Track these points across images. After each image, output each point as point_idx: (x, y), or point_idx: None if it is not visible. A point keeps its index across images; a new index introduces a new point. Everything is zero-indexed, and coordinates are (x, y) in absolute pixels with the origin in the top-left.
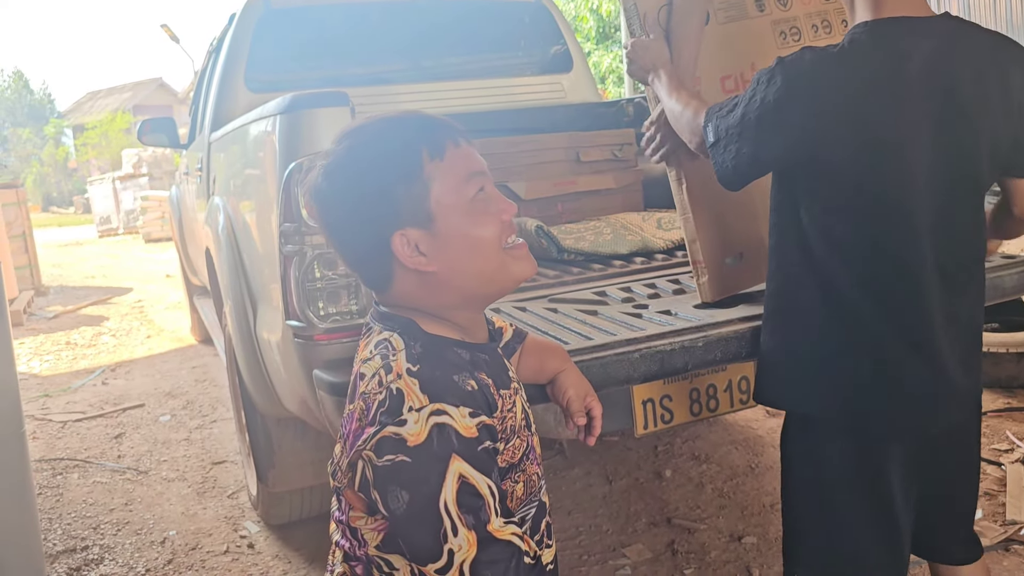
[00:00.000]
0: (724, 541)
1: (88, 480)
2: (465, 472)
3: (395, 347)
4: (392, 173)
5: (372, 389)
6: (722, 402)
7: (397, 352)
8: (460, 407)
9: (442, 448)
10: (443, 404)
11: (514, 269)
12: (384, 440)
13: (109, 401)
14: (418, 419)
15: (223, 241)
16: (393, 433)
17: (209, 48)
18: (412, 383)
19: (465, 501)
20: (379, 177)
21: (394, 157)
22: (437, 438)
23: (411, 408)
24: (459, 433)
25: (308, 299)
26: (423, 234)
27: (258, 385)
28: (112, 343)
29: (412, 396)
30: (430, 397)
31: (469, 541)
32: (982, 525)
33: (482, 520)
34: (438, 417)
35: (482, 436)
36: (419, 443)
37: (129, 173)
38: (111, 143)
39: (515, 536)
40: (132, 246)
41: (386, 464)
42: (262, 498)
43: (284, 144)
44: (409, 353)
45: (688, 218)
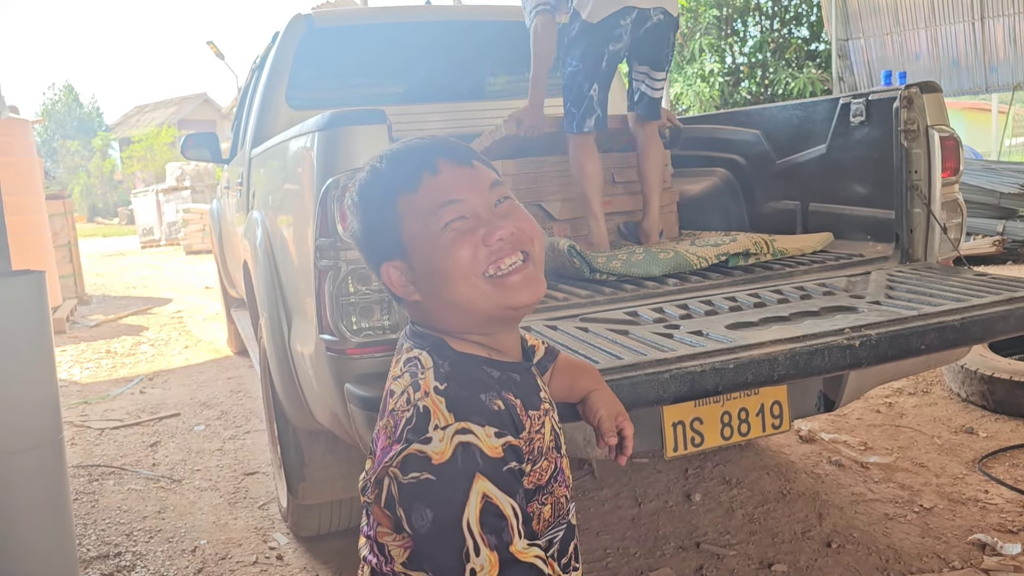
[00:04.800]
0: (753, 568)
1: (123, 487)
2: (489, 492)
3: (424, 365)
4: (373, 210)
5: (400, 407)
6: (754, 426)
7: (425, 370)
8: (486, 427)
9: (466, 467)
10: (468, 423)
11: (505, 297)
12: (410, 457)
13: (146, 410)
14: (443, 437)
15: (260, 255)
16: (418, 451)
17: (252, 65)
18: (439, 401)
19: (488, 521)
20: (368, 212)
21: (376, 193)
22: (462, 457)
23: (436, 426)
24: (484, 452)
25: (341, 313)
26: (404, 265)
27: (291, 397)
28: (151, 352)
29: (438, 414)
30: (456, 416)
31: (491, 562)
32: (1021, 560)
33: (504, 541)
34: (463, 436)
35: (507, 457)
36: (443, 461)
37: (172, 186)
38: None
39: (538, 559)
40: (173, 257)
41: (411, 481)
42: (292, 510)
43: (322, 161)
44: (437, 371)
45: None
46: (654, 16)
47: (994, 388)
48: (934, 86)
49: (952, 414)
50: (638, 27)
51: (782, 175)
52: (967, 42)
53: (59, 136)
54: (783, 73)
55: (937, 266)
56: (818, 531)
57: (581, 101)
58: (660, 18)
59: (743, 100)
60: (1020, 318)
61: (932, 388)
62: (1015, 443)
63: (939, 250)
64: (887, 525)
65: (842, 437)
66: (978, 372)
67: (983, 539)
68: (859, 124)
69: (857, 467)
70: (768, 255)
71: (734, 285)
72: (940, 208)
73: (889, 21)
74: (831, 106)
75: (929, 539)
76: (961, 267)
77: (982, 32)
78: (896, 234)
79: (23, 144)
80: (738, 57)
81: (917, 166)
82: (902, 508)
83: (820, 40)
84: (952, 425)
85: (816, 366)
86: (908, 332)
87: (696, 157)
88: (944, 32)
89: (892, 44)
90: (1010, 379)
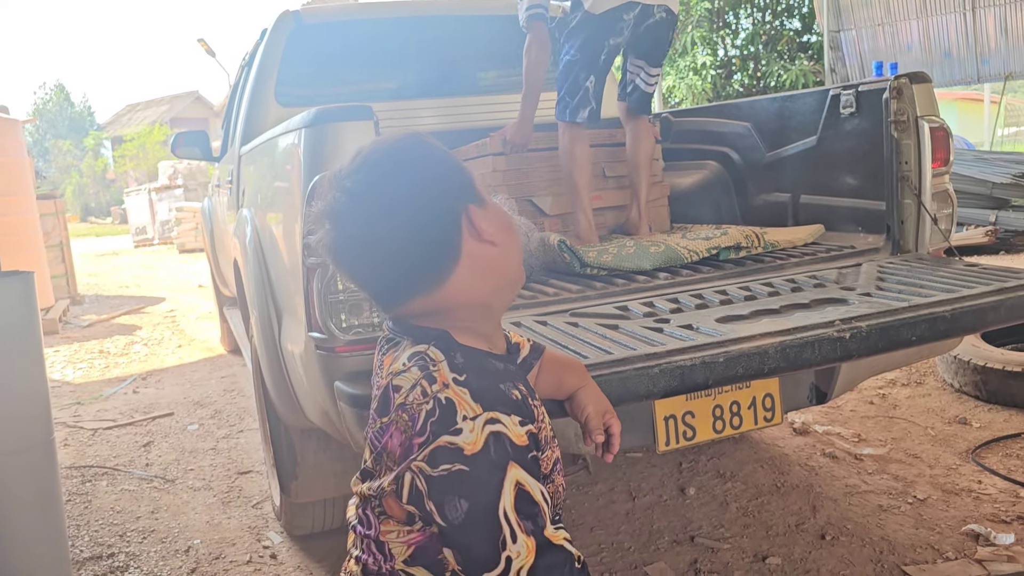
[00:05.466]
0: (748, 561)
1: (116, 488)
2: (522, 479)
3: (434, 359)
4: (446, 155)
5: (415, 400)
6: (746, 419)
7: (438, 363)
8: (511, 415)
9: (499, 456)
10: (496, 413)
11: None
12: (439, 450)
13: (139, 409)
14: (473, 428)
15: (250, 253)
16: (448, 443)
17: (242, 63)
18: (462, 392)
19: (523, 508)
20: (439, 157)
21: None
22: (494, 446)
23: (465, 417)
24: (512, 441)
25: (330, 311)
26: (481, 209)
27: (282, 396)
28: (144, 352)
29: (464, 405)
30: (483, 406)
31: (528, 547)
32: (1014, 550)
33: (539, 526)
34: (493, 426)
35: (531, 444)
36: (476, 452)
37: (165, 185)
38: (148, 155)
39: (567, 541)
40: (166, 256)
41: (442, 474)
42: (285, 509)
43: (309, 157)
44: (452, 363)
45: None
46: (657, 13)
47: (987, 378)
48: (924, 76)
49: (945, 405)
50: (640, 23)
51: (773, 167)
52: (959, 33)
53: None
54: (775, 65)
55: (928, 257)
56: (812, 523)
57: (576, 91)
58: (662, 16)
59: (735, 93)
60: (1011, 308)
61: (925, 379)
62: (1008, 433)
63: (930, 241)
64: (881, 517)
65: (836, 429)
66: (971, 362)
67: (977, 529)
68: (849, 115)
69: (851, 459)
70: (759, 248)
71: (725, 278)
72: (930, 199)
73: (881, 12)
74: (821, 98)
75: (923, 530)
76: (952, 258)
77: (973, 23)
78: (887, 225)
79: (13, 144)
80: (730, 50)
81: (907, 157)
82: (896, 499)
83: (812, 32)
84: (946, 416)
85: (806, 359)
86: (898, 323)
87: (687, 150)
88: (936, 23)
89: (884, 35)
90: (1003, 369)
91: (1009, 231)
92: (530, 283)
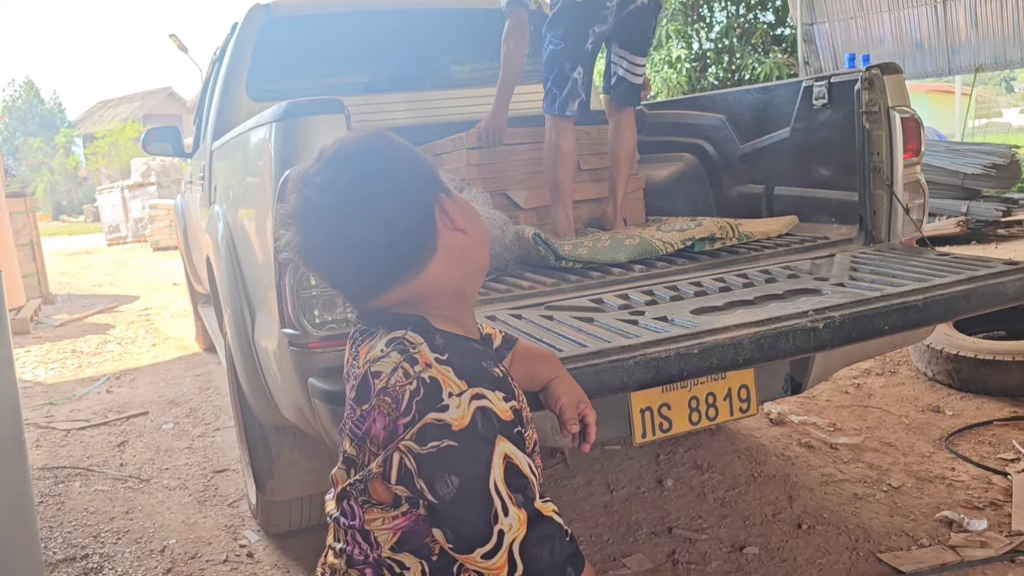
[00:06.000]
0: (726, 551)
1: (90, 488)
2: (510, 452)
3: (413, 342)
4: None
5: (397, 382)
6: (721, 410)
7: (418, 345)
8: (496, 391)
9: (487, 430)
10: (481, 388)
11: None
12: (427, 427)
13: (113, 409)
14: (460, 404)
15: (222, 249)
16: (436, 420)
17: (213, 57)
18: (446, 371)
19: (513, 480)
20: (406, 152)
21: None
22: (481, 420)
23: (451, 394)
24: (499, 416)
25: (303, 307)
26: (449, 199)
27: (256, 393)
28: (118, 351)
29: (449, 382)
30: (468, 382)
31: (520, 519)
32: (987, 536)
33: (529, 498)
34: (479, 401)
35: (515, 420)
36: (464, 427)
37: (138, 182)
38: (121, 152)
39: (555, 513)
40: (140, 254)
41: (431, 451)
42: (261, 507)
43: (280, 151)
44: (432, 344)
45: None
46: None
47: (959, 367)
48: (895, 67)
49: (919, 393)
50: (622, 9)
51: (747, 159)
52: (930, 25)
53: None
54: (750, 58)
55: (900, 247)
56: (789, 513)
57: (563, 82)
58: (644, 1)
59: (710, 86)
60: (981, 297)
61: (899, 368)
62: (980, 420)
63: (902, 231)
64: (856, 505)
65: (811, 419)
66: (944, 351)
67: (950, 516)
68: (822, 107)
69: (826, 448)
70: (734, 239)
71: (700, 270)
72: (902, 189)
73: (853, 5)
74: (794, 89)
75: (898, 517)
76: (924, 247)
77: (944, 15)
78: (860, 216)
79: None
80: (705, 43)
81: (879, 148)
82: (871, 488)
83: (785, 25)
84: (919, 404)
85: (781, 349)
86: (871, 313)
87: (661, 143)
88: (907, 15)
89: (856, 28)
90: (975, 357)
91: (980, 221)
92: (505, 276)
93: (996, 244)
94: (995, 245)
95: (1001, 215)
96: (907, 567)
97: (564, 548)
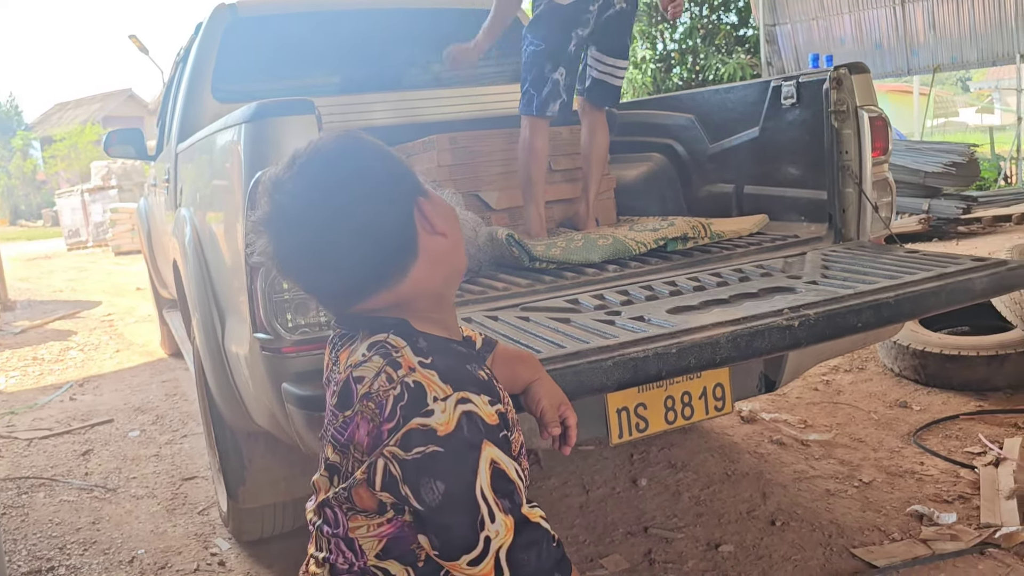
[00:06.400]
0: (701, 550)
1: (55, 499)
2: (496, 457)
3: (395, 345)
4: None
5: (381, 387)
6: (697, 410)
7: (400, 349)
8: (481, 395)
9: (472, 435)
10: (467, 392)
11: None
12: (412, 433)
13: (77, 417)
14: (445, 408)
15: (190, 253)
16: (420, 425)
17: (176, 58)
18: (430, 375)
19: (499, 486)
20: (381, 155)
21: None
22: (467, 425)
23: (436, 398)
24: (484, 420)
25: (275, 311)
26: (428, 202)
27: (227, 399)
28: (80, 358)
29: (433, 387)
30: (453, 386)
31: (507, 526)
32: (956, 529)
33: (516, 503)
34: (464, 405)
35: (501, 423)
36: (449, 432)
37: (98, 185)
38: (80, 155)
39: (542, 519)
40: (101, 259)
41: (416, 457)
42: (233, 515)
43: (249, 153)
44: (415, 348)
45: None
46: (618, 3)
47: (926, 362)
48: (862, 67)
49: (887, 389)
50: (602, 13)
51: (717, 159)
52: (889, 26)
53: None
54: (713, 59)
55: (870, 245)
56: (763, 510)
57: (542, 83)
58: (623, 6)
59: (675, 86)
60: (951, 294)
61: (867, 364)
62: (947, 415)
63: (871, 229)
64: (829, 501)
65: (782, 416)
66: (910, 347)
67: (920, 510)
68: (790, 106)
69: (798, 445)
70: (706, 239)
71: (673, 269)
72: (871, 187)
73: (815, 6)
74: (763, 89)
75: (870, 512)
76: (893, 245)
77: (903, 16)
78: (829, 214)
79: None
80: (669, 44)
81: (848, 146)
82: (843, 483)
83: (748, 26)
84: (887, 400)
85: (757, 347)
86: (844, 310)
87: (631, 143)
88: (867, 17)
89: (818, 28)
90: (940, 353)
91: (941, 219)
92: (479, 278)
93: (957, 241)
94: (956, 242)
95: (961, 212)
96: (880, 561)
97: (551, 553)
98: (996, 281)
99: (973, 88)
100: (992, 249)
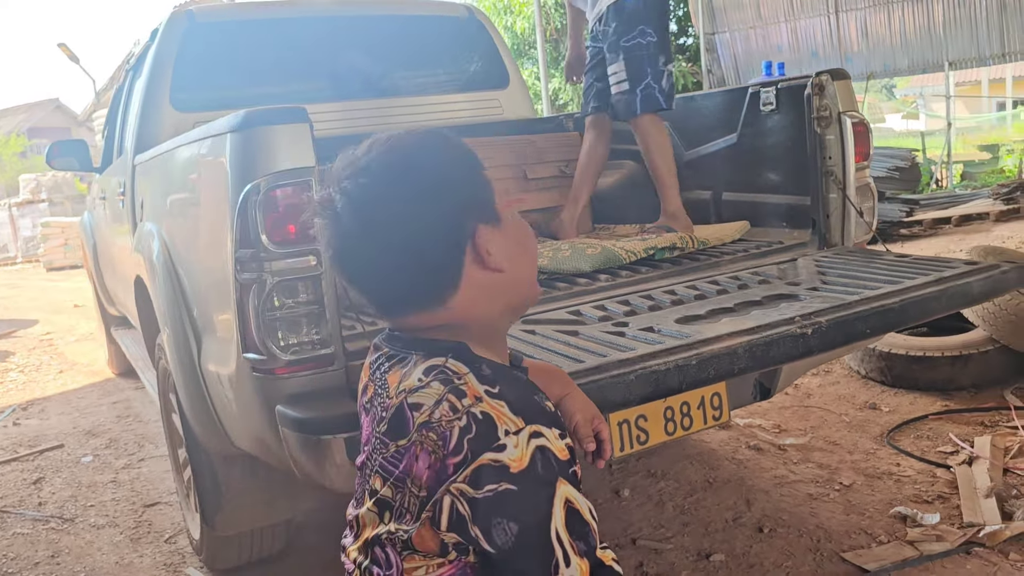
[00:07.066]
0: (692, 560)
1: (7, 532)
2: (571, 496)
3: (457, 371)
4: (464, 164)
5: (444, 416)
6: (696, 420)
7: (463, 375)
8: (552, 428)
9: (547, 472)
10: (539, 426)
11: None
12: (483, 469)
13: (23, 443)
14: (518, 443)
15: (159, 269)
16: (492, 460)
17: (126, 66)
18: (499, 405)
19: (575, 527)
20: (452, 169)
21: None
22: (541, 462)
23: (508, 432)
24: (557, 456)
25: (268, 330)
26: (493, 231)
27: (203, 421)
28: (21, 380)
29: (505, 419)
30: (524, 419)
31: (582, 570)
32: (940, 529)
33: (591, 546)
34: (537, 439)
35: (572, 458)
36: (523, 468)
37: (27, 199)
38: (5, 168)
39: (615, 562)
40: (33, 275)
41: (488, 495)
42: (207, 542)
43: (237, 165)
44: (480, 375)
45: None
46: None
47: (892, 364)
48: (843, 73)
49: (855, 391)
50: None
51: (693, 165)
52: (824, 34)
53: None
54: None
55: (857, 250)
56: (748, 517)
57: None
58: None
59: None
60: (951, 297)
61: (833, 367)
62: (916, 415)
63: (854, 234)
64: (812, 505)
65: (756, 421)
66: (876, 349)
67: (903, 511)
68: (770, 112)
69: (775, 450)
70: (693, 247)
71: (665, 277)
72: (855, 192)
73: (752, 15)
74: (740, 95)
75: (853, 515)
76: (880, 250)
77: (837, 25)
78: (812, 220)
79: None
80: None
81: (831, 152)
82: (823, 487)
83: (688, 34)
84: (856, 402)
85: (773, 356)
86: (853, 317)
87: None
88: (803, 25)
89: (756, 37)
90: (906, 354)
91: (886, 222)
92: None
93: (902, 243)
94: (901, 244)
95: (904, 215)
96: (870, 565)
97: None
98: (991, 284)
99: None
100: (938, 251)
